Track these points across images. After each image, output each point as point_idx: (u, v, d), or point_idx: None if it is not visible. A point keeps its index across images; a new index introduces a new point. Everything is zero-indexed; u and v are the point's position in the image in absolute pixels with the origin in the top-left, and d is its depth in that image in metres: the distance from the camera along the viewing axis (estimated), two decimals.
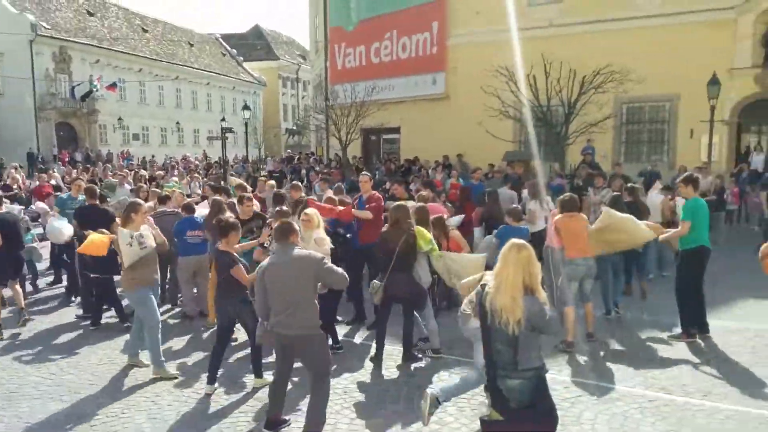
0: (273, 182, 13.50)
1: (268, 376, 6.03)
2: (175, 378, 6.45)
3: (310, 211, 7.02)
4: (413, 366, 6.75)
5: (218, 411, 5.70)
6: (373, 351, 6.97)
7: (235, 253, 6.17)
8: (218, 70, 56.11)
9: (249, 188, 11.55)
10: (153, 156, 37.12)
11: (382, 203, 8.84)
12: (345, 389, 6.13)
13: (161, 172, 23.83)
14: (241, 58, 62.02)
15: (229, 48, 61.74)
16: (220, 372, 6.26)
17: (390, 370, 6.67)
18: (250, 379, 6.33)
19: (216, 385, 6.12)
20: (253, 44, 65.32)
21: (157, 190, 11.85)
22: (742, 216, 15.98)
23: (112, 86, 39.24)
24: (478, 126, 18.94)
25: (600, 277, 8.20)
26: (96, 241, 7.44)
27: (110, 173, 21.14)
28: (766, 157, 18.89)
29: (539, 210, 9.81)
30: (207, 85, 54.25)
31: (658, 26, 19.50)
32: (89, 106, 40.42)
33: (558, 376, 6.30)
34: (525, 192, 11.79)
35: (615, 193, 9.43)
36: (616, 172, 15.41)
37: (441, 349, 6.98)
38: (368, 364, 6.82)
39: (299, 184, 11.08)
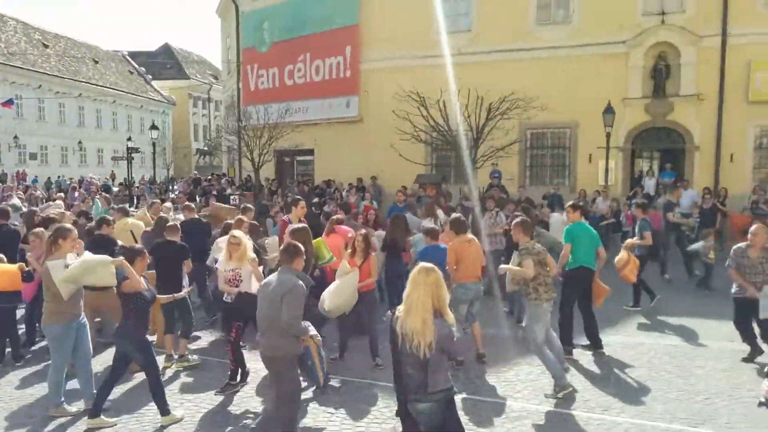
0: (169, 204, 13.18)
1: (176, 413, 5.93)
2: (75, 414, 6.09)
3: (238, 233, 7.24)
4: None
5: None
6: None
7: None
8: (125, 88, 54.19)
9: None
10: (61, 176, 35.27)
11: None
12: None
13: (61, 194, 22.70)
14: (150, 77, 60.20)
15: (136, 66, 59.81)
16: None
17: None
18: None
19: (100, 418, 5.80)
20: (163, 63, 63.60)
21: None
22: (634, 236, 16.93)
23: (8, 103, 36.98)
24: (391, 149, 19.25)
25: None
26: (7, 271, 7.03)
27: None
28: (657, 181, 20.22)
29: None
30: (113, 104, 52.25)
31: (559, 57, 20.60)
32: None
33: (465, 397, 6.45)
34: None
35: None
36: (520, 195, 16.12)
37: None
38: None
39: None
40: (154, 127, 31.17)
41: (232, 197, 20.56)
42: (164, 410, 5.86)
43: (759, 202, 15.17)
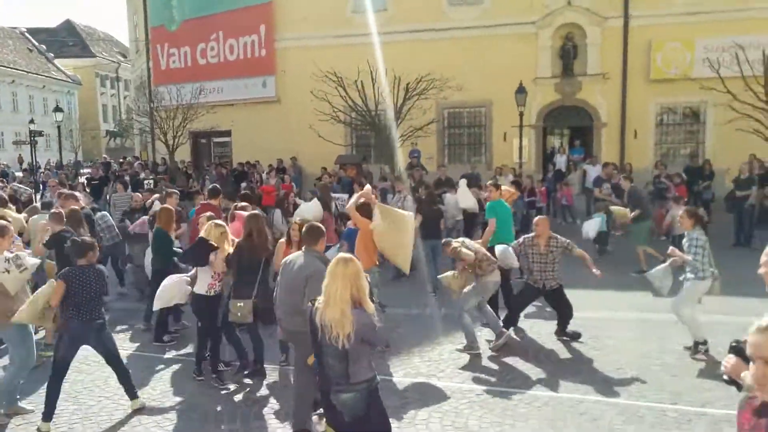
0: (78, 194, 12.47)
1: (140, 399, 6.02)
2: (32, 411, 5.91)
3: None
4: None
5: None
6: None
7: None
8: (25, 68, 50.86)
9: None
10: None
11: None
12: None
13: None
14: (52, 55, 56.69)
15: (36, 44, 56.15)
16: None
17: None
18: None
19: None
20: (65, 40, 60.04)
21: None
22: (551, 212, 17.66)
23: None
24: (310, 130, 19.12)
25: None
26: None
27: None
28: (567, 157, 21.08)
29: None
30: (11, 84, 48.97)
31: (472, 37, 20.98)
32: None
33: (391, 379, 6.61)
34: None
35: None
36: (441, 174, 16.42)
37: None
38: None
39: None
40: (58, 109, 29.48)
41: (146, 181, 19.84)
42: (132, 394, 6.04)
43: (660, 176, 16.08)
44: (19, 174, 29.25)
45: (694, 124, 21.06)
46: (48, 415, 5.55)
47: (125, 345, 7.93)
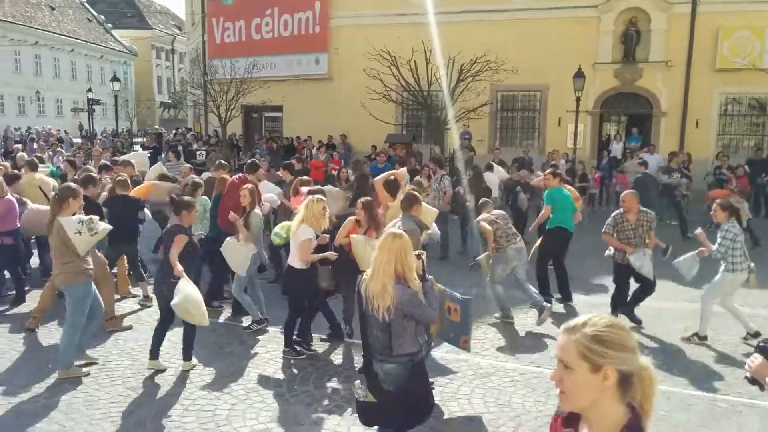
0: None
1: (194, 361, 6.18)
2: (87, 375, 5.99)
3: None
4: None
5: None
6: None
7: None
8: (84, 37, 52.10)
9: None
10: (16, 129, 34.14)
11: None
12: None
13: (18, 146, 21.97)
14: (110, 26, 57.94)
15: (95, 14, 57.44)
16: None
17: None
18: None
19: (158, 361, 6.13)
20: (123, 12, 61.25)
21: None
22: (603, 199, 17.29)
23: None
24: (361, 108, 19.07)
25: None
26: None
27: None
28: (624, 145, 20.54)
29: None
30: (71, 53, 50.25)
31: (530, 20, 20.53)
32: None
33: (435, 353, 6.57)
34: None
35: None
36: (494, 157, 16.21)
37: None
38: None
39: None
40: (115, 78, 30.14)
41: (198, 152, 20.19)
42: (188, 355, 6.15)
43: (722, 168, 15.53)
44: (77, 140, 30.12)
45: (760, 116, 20.25)
46: (153, 353, 6.13)
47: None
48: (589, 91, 20.06)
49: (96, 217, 6.22)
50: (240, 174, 9.29)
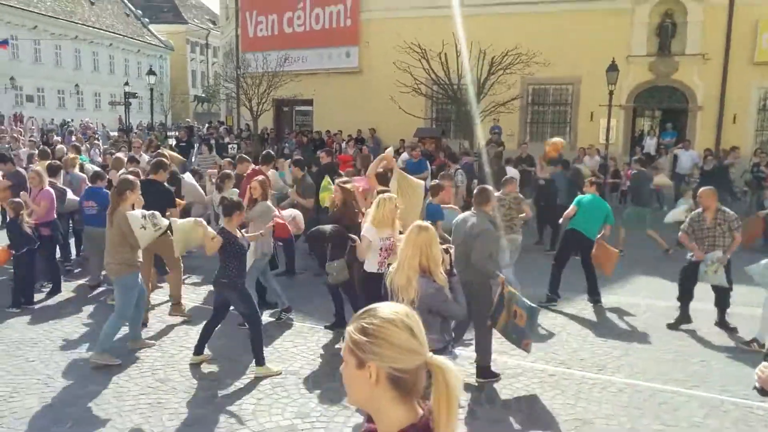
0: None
1: (271, 366, 6.05)
2: (118, 364, 6.16)
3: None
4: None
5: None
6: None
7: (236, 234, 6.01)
8: (122, 32, 53.05)
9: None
10: (53, 121, 34.96)
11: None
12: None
13: (58, 138, 22.52)
14: (147, 20, 58.85)
15: (133, 9, 58.39)
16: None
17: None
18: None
19: (203, 355, 6.21)
20: (160, 6, 62.13)
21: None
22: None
23: (3, 43, 36.32)
24: (391, 102, 19.05)
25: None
26: None
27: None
28: (658, 141, 20.13)
29: None
30: (109, 47, 51.23)
31: (563, 12, 20.21)
32: None
33: (464, 352, 6.57)
34: None
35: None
36: (522, 152, 16.07)
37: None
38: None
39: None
40: (151, 72, 30.64)
41: (230, 146, 20.41)
42: (260, 360, 5.98)
43: (760, 165, 15.13)
44: (114, 134, 30.73)
45: None
46: (198, 348, 6.17)
47: (193, 296, 8.23)
48: (623, 85, 19.69)
49: (158, 213, 6.43)
50: (255, 166, 9.48)
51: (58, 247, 9.12)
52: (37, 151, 12.52)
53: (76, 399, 5.39)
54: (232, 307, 6.18)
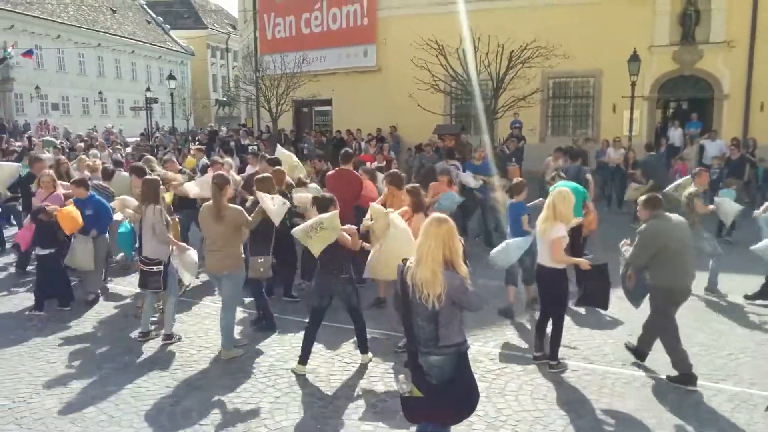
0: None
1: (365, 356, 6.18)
2: (241, 354, 6.37)
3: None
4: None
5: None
6: None
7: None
8: (143, 38, 53.70)
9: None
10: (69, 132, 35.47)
11: None
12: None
13: (81, 144, 22.81)
14: (168, 26, 59.52)
15: (154, 15, 59.12)
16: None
17: None
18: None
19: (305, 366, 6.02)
20: (180, 12, 62.80)
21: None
22: None
23: (28, 53, 36.96)
24: (410, 99, 18.95)
25: None
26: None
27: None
28: (683, 131, 19.72)
29: None
30: (131, 54, 51.89)
31: (582, 3, 19.92)
32: (3, 74, 37.95)
33: (484, 348, 6.46)
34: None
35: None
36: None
37: None
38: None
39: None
40: (171, 77, 30.94)
41: (250, 147, 20.50)
42: (364, 348, 6.20)
43: None
44: (136, 139, 31.09)
45: None
46: (303, 358, 5.96)
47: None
48: (645, 76, 19.35)
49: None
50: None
51: None
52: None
53: (95, 400, 5.39)
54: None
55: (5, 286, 8.93)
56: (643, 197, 6.00)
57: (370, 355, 6.20)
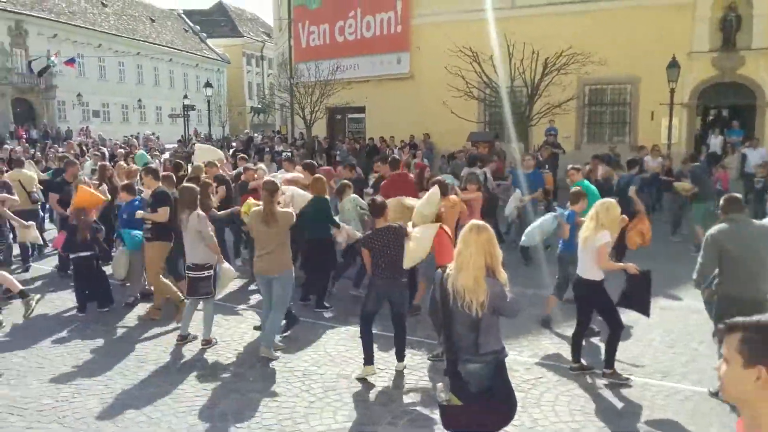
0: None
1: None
2: (276, 358, 6.44)
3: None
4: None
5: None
6: None
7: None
8: (181, 47, 54.85)
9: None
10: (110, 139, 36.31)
11: None
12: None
13: (121, 150, 23.30)
14: (204, 35, 60.66)
15: (191, 24, 60.33)
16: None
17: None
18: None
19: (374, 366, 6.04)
20: (217, 21, 63.91)
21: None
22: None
23: (71, 62, 38.08)
24: (443, 106, 18.93)
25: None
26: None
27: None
28: (723, 139, 19.30)
29: None
30: (169, 62, 53.03)
31: (620, 9, 19.67)
32: (47, 82, 39.19)
33: (519, 357, 6.39)
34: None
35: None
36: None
37: None
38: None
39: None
40: (208, 84, 31.55)
41: (284, 154, 20.70)
42: (401, 356, 6.16)
43: None
44: (174, 145, 31.67)
45: None
46: (368, 359, 5.98)
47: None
48: (685, 82, 19.01)
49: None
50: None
51: None
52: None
53: (134, 401, 5.49)
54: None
55: (47, 289, 9.16)
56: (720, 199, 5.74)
57: (405, 362, 6.18)
